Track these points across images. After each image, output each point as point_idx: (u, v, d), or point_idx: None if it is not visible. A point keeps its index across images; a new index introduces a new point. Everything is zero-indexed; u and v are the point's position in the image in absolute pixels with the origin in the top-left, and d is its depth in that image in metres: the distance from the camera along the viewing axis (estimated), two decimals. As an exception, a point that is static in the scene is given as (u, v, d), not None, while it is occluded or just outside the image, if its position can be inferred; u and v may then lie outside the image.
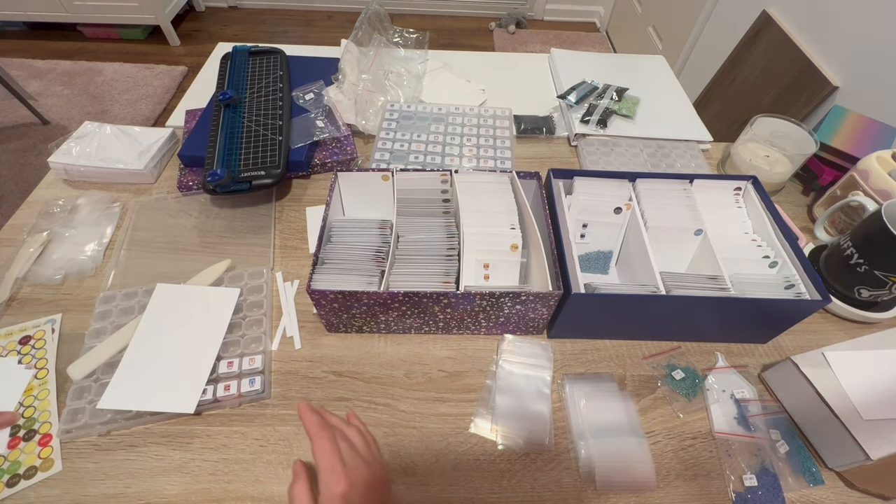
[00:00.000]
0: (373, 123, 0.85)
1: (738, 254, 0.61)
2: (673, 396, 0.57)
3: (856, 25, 1.12)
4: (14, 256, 0.65)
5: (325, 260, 0.59)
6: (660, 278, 0.55)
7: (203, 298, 0.61)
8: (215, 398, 0.53)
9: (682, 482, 0.51)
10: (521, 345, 0.60)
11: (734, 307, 0.55)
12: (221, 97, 0.78)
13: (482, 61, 1.08)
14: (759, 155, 0.78)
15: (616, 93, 0.92)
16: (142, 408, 0.51)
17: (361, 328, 0.60)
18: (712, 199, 0.66)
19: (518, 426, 0.53)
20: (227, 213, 0.73)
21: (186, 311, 0.59)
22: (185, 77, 2.27)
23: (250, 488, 0.49)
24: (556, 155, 0.87)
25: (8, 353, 0.57)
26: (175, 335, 0.57)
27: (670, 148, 0.85)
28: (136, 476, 0.49)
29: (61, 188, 0.76)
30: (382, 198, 0.65)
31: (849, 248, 0.61)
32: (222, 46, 1.03)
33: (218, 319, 0.58)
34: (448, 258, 0.60)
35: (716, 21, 1.70)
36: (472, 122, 0.87)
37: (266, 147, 0.72)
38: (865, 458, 0.46)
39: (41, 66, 2.25)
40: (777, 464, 0.52)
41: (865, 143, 0.76)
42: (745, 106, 1.42)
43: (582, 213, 0.63)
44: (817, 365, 0.52)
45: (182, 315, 0.58)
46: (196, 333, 0.57)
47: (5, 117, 1.99)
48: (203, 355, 0.55)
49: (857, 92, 1.11)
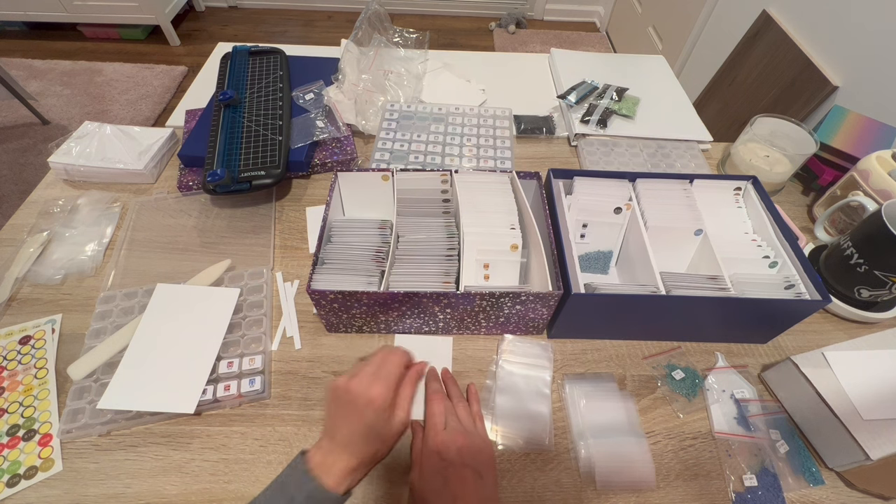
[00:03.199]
0: (373, 123, 0.85)
1: (738, 254, 0.61)
2: (673, 396, 0.57)
3: (856, 25, 1.12)
4: (14, 256, 0.65)
5: (325, 260, 0.59)
6: (660, 278, 0.55)
7: (203, 298, 0.61)
8: (215, 398, 0.53)
9: (682, 482, 0.51)
10: (521, 345, 0.60)
11: (734, 307, 0.55)
12: (221, 97, 0.78)
13: (482, 61, 1.08)
14: (759, 155, 0.78)
15: (616, 93, 0.92)
16: (142, 408, 0.51)
17: (361, 328, 0.60)
18: (712, 199, 0.66)
19: (518, 426, 0.53)
20: (227, 213, 0.73)
21: (186, 312, 0.59)
22: (185, 77, 2.27)
23: (250, 488, 0.49)
24: (556, 155, 0.87)
25: (8, 352, 0.57)
26: (175, 335, 0.57)
27: (670, 148, 0.85)
28: (136, 476, 0.49)
29: (61, 188, 0.76)
30: (382, 198, 0.65)
31: (849, 248, 0.61)
32: (222, 46, 1.03)
33: (218, 319, 0.58)
34: (448, 258, 0.60)
35: (716, 21, 1.70)
36: (472, 122, 0.87)
37: (266, 147, 0.72)
38: (865, 458, 0.46)
39: (41, 66, 2.25)
40: (777, 464, 0.52)
41: (865, 143, 0.76)
42: (745, 106, 1.42)
43: (582, 213, 0.63)
44: (817, 365, 0.52)
45: (182, 315, 0.58)
46: (196, 334, 0.57)
47: (5, 117, 1.99)
48: (203, 355, 0.55)
49: (857, 92, 1.11)
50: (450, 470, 0.42)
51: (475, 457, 0.44)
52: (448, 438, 0.44)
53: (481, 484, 0.42)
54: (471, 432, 0.46)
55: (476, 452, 0.44)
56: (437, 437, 0.44)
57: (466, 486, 0.41)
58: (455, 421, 0.46)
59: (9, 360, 0.56)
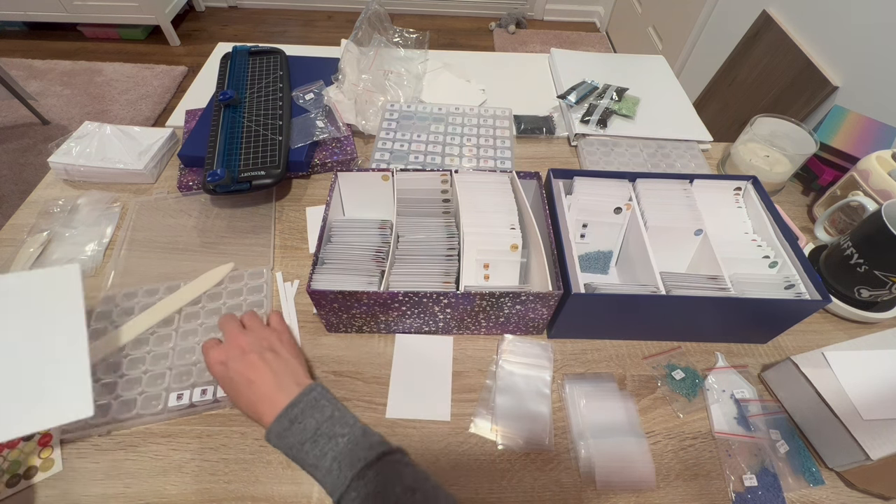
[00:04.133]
0: (373, 123, 0.85)
1: (738, 254, 0.61)
2: (673, 396, 0.57)
3: (856, 25, 1.12)
4: (14, 256, 0.65)
5: (325, 260, 0.59)
6: (660, 278, 0.55)
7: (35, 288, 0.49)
8: (215, 399, 0.53)
9: (682, 482, 0.51)
10: (521, 345, 0.60)
11: (734, 307, 0.55)
12: (221, 97, 0.78)
13: (482, 61, 1.08)
14: (759, 155, 0.78)
15: (616, 93, 0.92)
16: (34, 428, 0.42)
17: (361, 328, 0.60)
18: (712, 199, 0.66)
19: (518, 426, 0.53)
20: (227, 213, 0.73)
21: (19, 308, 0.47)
22: (185, 77, 2.27)
23: (250, 488, 0.49)
24: (556, 155, 0.87)
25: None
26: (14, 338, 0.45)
27: (670, 148, 0.85)
28: (136, 476, 0.49)
29: (61, 188, 0.76)
30: (382, 198, 0.65)
31: (849, 248, 0.61)
32: (222, 46, 1.03)
33: (68, 304, 0.47)
34: (448, 258, 0.60)
35: (716, 21, 1.70)
36: (472, 122, 0.87)
37: (266, 147, 0.72)
38: (865, 458, 0.46)
39: (41, 66, 2.25)
40: (777, 464, 0.52)
41: (865, 143, 0.76)
42: (745, 106, 1.42)
43: (582, 213, 0.63)
44: (817, 365, 0.52)
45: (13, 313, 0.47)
46: (44, 328, 0.46)
47: (5, 117, 1.99)
48: (68, 347, 0.45)
49: (857, 92, 1.11)
50: (232, 367, 0.45)
51: (259, 343, 0.47)
52: (226, 345, 0.47)
53: (276, 357, 0.46)
54: (252, 328, 0.49)
55: (259, 339, 0.47)
56: (212, 349, 0.47)
57: (255, 368, 0.45)
58: (233, 328, 0.49)
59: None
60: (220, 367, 0.46)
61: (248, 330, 0.49)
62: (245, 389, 0.44)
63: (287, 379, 0.45)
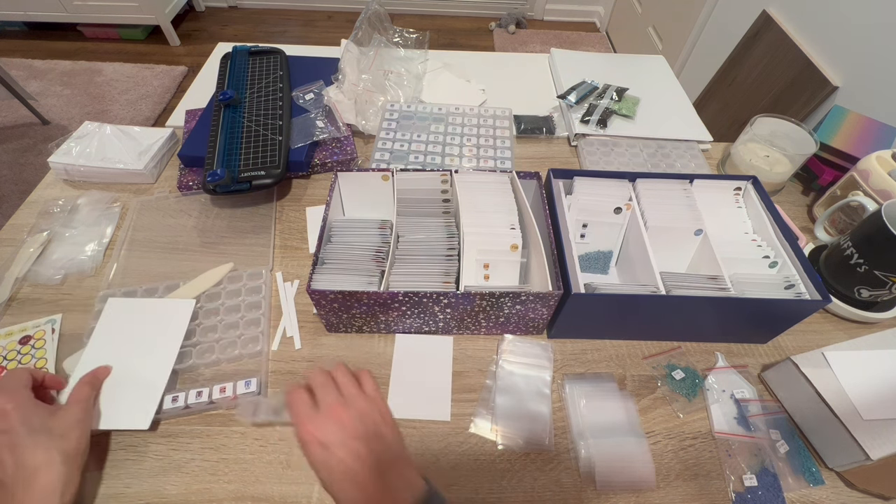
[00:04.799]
0: (373, 123, 0.85)
1: (738, 254, 0.61)
2: (673, 396, 0.57)
3: (856, 25, 1.12)
4: (14, 256, 0.65)
5: (325, 260, 0.59)
6: (660, 278, 0.55)
7: (157, 311, 0.59)
8: (210, 400, 0.53)
9: (682, 482, 0.51)
10: (521, 345, 0.60)
11: (734, 307, 0.55)
12: (221, 97, 0.78)
13: (482, 61, 1.08)
14: (759, 155, 0.78)
15: (616, 93, 0.92)
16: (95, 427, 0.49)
17: (361, 328, 0.60)
18: (712, 199, 0.66)
19: (518, 426, 0.53)
20: (227, 213, 0.73)
21: (139, 325, 0.57)
22: (185, 77, 2.27)
23: (250, 488, 0.49)
24: (556, 155, 0.87)
25: (8, 352, 0.57)
26: (128, 350, 0.54)
27: (670, 148, 0.85)
28: (136, 476, 0.49)
29: (61, 188, 0.76)
30: (382, 198, 0.65)
31: (849, 248, 0.61)
32: (222, 46, 1.03)
33: (173, 332, 0.56)
34: (448, 258, 0.60)
35: (716, 21, 1.70)
36: (472, 122, 0.87)
37: (266, 147, 0.72)
38: (865, 458, 0.46)
39: (41, 66, 2.25)
40: (777, 464, 0.52)
41: (865, 143, 0.76)
42: (745, 106, 1.42)
43: (582, 213, 0.63)
44: (817, 365, 0.52)
45: (135, 329, 0.57)
46: (150, 347, 0.55)
47: (5, 117, 1.99)
48: (158, 369, 0.53)
49: (857, 92, 1.11)
50: (336, 454, 0.37)
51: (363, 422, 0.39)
52: (322, 421, 0.38)
53: (383, 447, 0.39)
54: (352, 397, 0.40)
55: (362, 416, 0.39)
56: (305, 425, 0.38)
57: (362, 460, 0.37)
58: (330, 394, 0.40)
59: (9, 360, 0.56)
60: (321, 450, 0.37)
61: (347, 400, 0.40)
62: (347, 486, 0.36)
63: (396, 480, 0.38)
